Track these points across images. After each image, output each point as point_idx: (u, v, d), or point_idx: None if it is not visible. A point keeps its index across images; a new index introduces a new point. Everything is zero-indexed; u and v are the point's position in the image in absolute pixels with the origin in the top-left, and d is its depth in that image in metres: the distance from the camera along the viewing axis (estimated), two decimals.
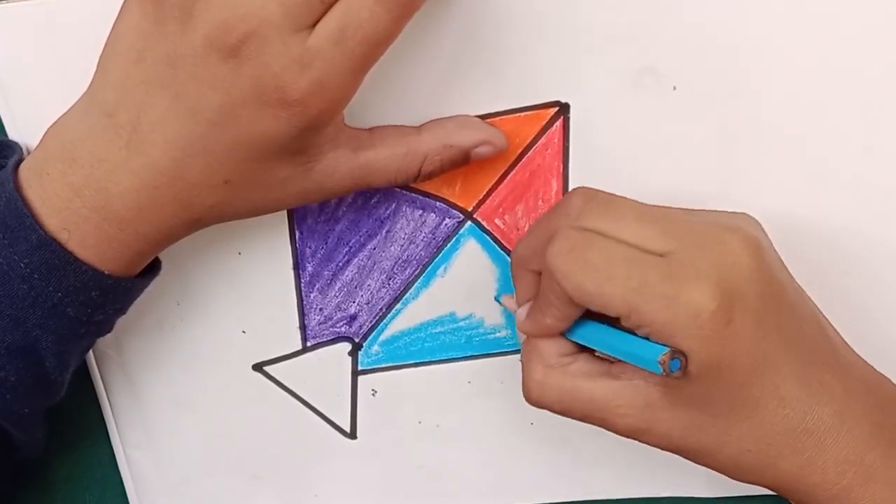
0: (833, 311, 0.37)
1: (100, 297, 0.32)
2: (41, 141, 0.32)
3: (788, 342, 0.30)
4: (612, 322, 0.31)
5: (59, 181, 0.31)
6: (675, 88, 0.34)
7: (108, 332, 0.35)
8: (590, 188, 0.32)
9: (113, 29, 0.31)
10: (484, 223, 0.37)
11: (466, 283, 0.38)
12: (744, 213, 0.33)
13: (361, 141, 0.33)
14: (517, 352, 0.39)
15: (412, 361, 0.40)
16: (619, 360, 0.31)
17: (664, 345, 0.29)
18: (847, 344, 0.33)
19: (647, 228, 0.30)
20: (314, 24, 0.29)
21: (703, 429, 0.31)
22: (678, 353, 0.28)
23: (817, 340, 0.32)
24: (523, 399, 0.40)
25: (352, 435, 0.42)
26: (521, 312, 0.34)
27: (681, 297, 0.28)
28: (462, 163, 0.34)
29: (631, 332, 0.30)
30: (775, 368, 0.30)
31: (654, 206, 0.32)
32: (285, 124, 0.30)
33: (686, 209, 0.33)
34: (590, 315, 0.32)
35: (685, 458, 0.32)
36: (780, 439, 0.30)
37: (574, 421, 0.40)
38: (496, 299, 0.39)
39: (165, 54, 0.29)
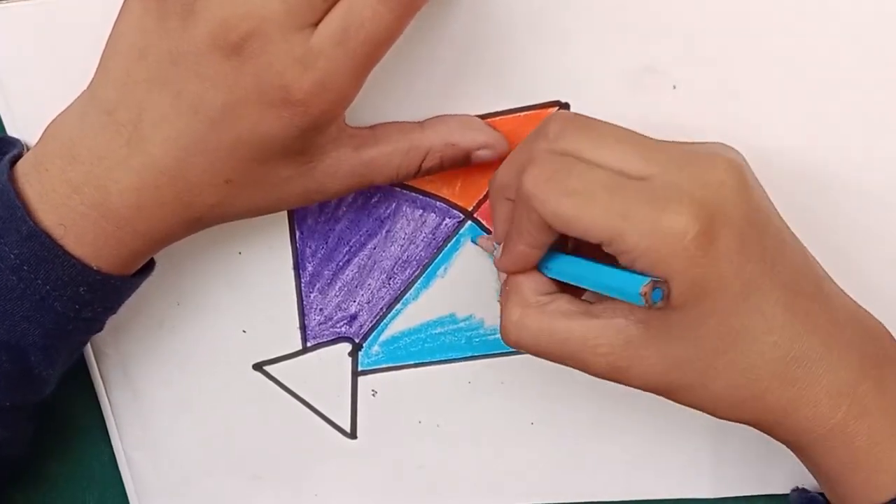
0: None
1: (88, 294, 0.32)
2: (41, 137, 0.32)
3: (773, 267, 0.29)
4: (591, 255, 0.30)
5: (57, 177, 0.31)
6: (675, 88, 0.34)
7: (99, 331, 0.35)
8: (568, 112, 0.31)
9: (115, 27, 0.31)
10: (484, 223, 0.37)
11: (467, 283, 0.38)
12: (726, 144, 0.32)
13: (363, 139, 0.33)
14: (517, 352, 0.39)
15: (412, 362, 0.40)
16: (600, 299, 0.30)
17: (646, 274, 0.27)
18: (829, 276, 0.32)
19: (627, 151, 0.29)
20: (317, 23, 0.28)
21: (688, 363, 0.29)
22: (660, 283, 0.27)
23: (802, 269, 0.31)
24: (524, 399, 0.40)
25: (352, 435, 0.42)
26: (500, 249, 0.33)
27: (663, 220, 0.27)
28: (462, 163, 0.34)
29: (611, 264, 0.29)
30: (761, 293, 0.29)
31: (635, 131, 0.30)
32: (287, 124, 0.29)
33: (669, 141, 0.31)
34: (567, 249, 0.31)
35: (667, 397, 0.31)
36: (770, 368, 0.29)
37: (574, 420, 0.40)
38: (473, 241, 0.37)
39: (167, 52, 0.29)
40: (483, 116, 0.35)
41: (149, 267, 0.35)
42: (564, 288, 0.32)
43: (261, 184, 0.32)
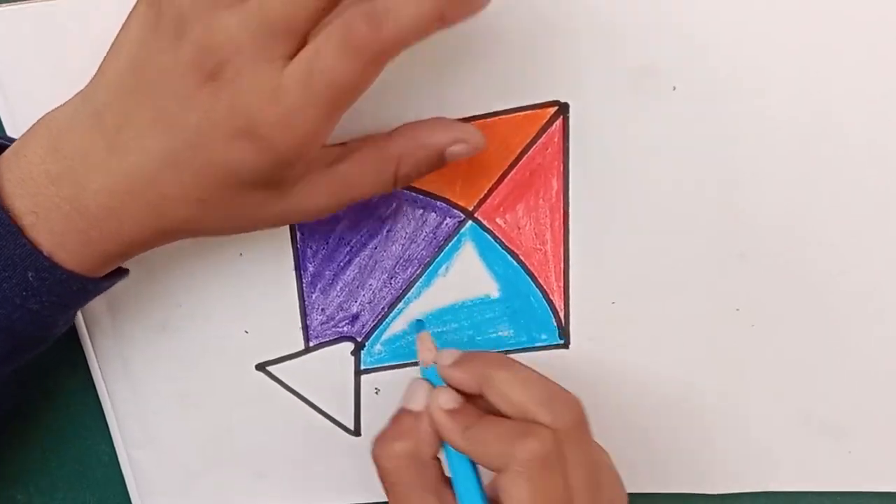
0: (833, 310, 0.38)
1: (36, 281, 0.32)
2: (31, 126, 0.32)
3: None
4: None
5: (37, 166, 0.31)
6: (674, 88, 0.34)
7: (51, 335, 0.35)
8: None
9: (119, 33, 0.31)
10: (485, 222, 0.37)
11: (467, 282, 0.39)
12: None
13: (335, 155, 0.33)
14: (518, 351, 0.39)
15: (414, 360, 0.40)
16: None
17: None
18: None
19: None
20: (292, 55, 0.29)
21: None
22: None
23: None
24: None
25: (356, 432, 0.42)
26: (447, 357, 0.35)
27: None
28: (438, 164, 0.34)
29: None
30: None
31: None
32: (253, 157, 0.30)
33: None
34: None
35: None
36: None
37: None
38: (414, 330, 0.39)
39: (157, 68, 0.30)
40: (483, 116, 0.35)
41: (119, 274, 0.35)
42: None
43: (234, 206, 0.32)
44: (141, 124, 0.30)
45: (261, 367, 0.41)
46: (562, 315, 0.39)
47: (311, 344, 0.40)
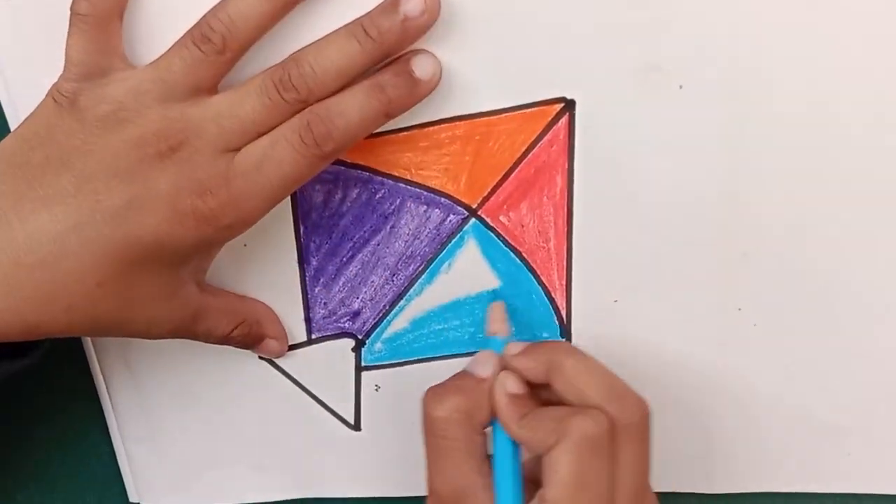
0: (835, 311, 0.38)
1: None
2: None
3: None
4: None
5: None
6: (681, 87, 0.34)
7: None
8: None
9: (24, 120, 0.32)
10: (488, 220, 0.37)
11: (470, 279, 0.38)
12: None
13: (208, 287, 0.37)
14: None
15: (415, 358, 0.40)
16: None
17: None
18: None
19: None
20: (243, 146, 0.31)
21: None
22: None
23: None
24: None
25: (356, 427, 0.42)
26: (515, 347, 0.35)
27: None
28: (256, 343, 0.39)
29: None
30: None
31: None
32: (189, 232, 0.31)
33: None
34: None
35: None
36: None
37: None
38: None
39: (76, 146, 0.31)
40: (488, 113, 0.35)
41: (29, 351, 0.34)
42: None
43: (126, 296, 0.32)
44: (52, 191, 0.30)
45: (264, 356, 0.41)
46: (563, 313, 0.39)
47: (314, 336, 0.40)
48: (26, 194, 0.30)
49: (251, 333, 0.38)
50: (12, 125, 0.36)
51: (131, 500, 0.45)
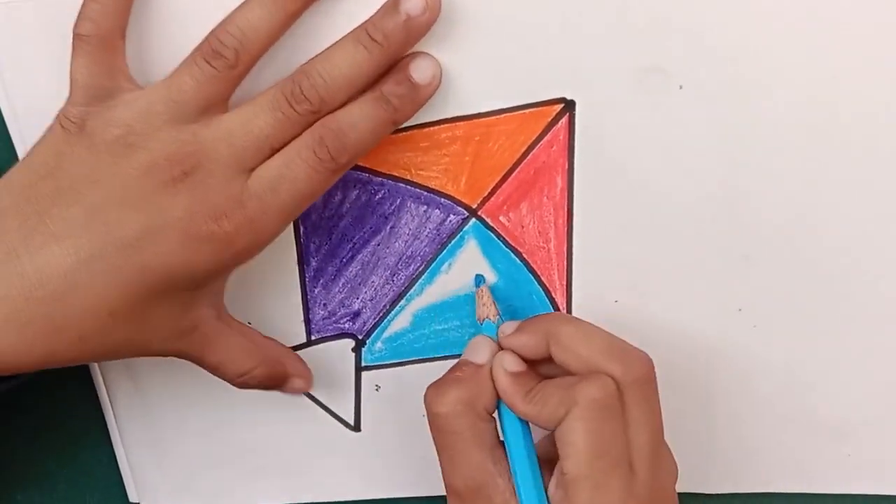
0: (835, 312, 0.38)
1: None
2: None
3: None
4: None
5: None
6: (681, 87, 0.34)
7: None
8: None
9: (31, 148, 0.31)
10: (488, 220, 0.37)
11: (470, 279, 0.38)
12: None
13: (227, 317, 0.36)
14: None
15: (415, 358, 0.40)
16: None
17: None
18: None
19: None
20: (256, 167, 0.31)
21: None
22: None
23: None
24: None
25: (356, 427, 0.42)
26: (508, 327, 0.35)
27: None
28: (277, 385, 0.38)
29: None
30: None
31: None
32: (204, 257, 0.31)
33: None
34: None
35: None
36: None
37: None
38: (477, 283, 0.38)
39: (85, 175, 0.30)
40: (488, 113, 0.35)
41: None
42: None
43: (139, 323, 0.32)
44: (62, 226, 0.30)
45: None
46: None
47: (313, 338, 0.40)
48: (36, 227, 0.30)
49: (274, 373, 0.37)
50: (18, 149, 0.36)
51: (132, 501, 0.45)
